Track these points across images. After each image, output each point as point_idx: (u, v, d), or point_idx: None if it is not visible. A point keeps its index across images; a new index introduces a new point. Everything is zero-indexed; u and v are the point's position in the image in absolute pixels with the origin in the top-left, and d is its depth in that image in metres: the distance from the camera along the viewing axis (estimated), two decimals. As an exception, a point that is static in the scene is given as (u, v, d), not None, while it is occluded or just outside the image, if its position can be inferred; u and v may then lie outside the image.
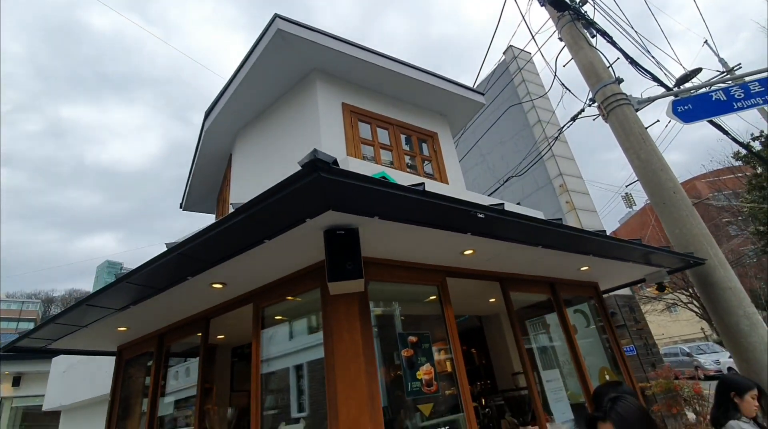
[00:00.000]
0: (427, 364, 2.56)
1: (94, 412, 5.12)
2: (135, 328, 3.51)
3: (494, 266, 3.25)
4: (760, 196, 20.57)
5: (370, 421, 2.14)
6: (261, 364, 2.74)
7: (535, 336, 3.93)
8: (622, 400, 1.62)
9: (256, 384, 2.68)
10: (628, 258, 3.51)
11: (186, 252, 2.13)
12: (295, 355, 2.81)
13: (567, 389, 3.58)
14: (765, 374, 3.69)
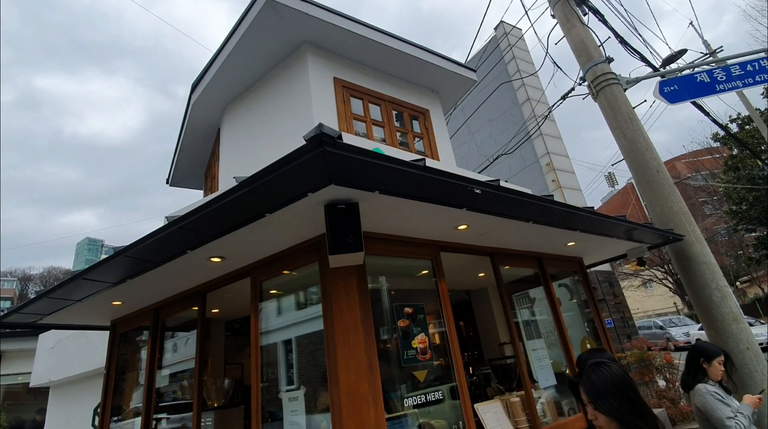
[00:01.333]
0: (422, 334, 2.66)
1: (84, 387, 5.15)
2: (130, 303, 3.52)
3: (485, 241, 3.35)
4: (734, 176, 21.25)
5: (369, 388, 2.24)
6: (260, 336, 2.80)
7: (521, 309, 4.09)
8: (600, 367, 1.63)
9: (256, 356, 2.75)
10: (613, 234, 3.66)
11: (187, 226, 2.14)
12: (294, 327, 2.88)
13: (550, 358, 3.77)
14: (731, 342, 3.94)
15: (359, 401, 2.21)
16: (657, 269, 27.66)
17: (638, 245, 4.37)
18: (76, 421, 5.10)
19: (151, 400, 3.47)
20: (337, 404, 2.23)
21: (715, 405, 3.37)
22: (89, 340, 4.97)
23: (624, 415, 1.60)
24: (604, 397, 1.64)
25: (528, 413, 3.13)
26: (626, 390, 1.63)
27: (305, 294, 3.04)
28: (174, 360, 3.74)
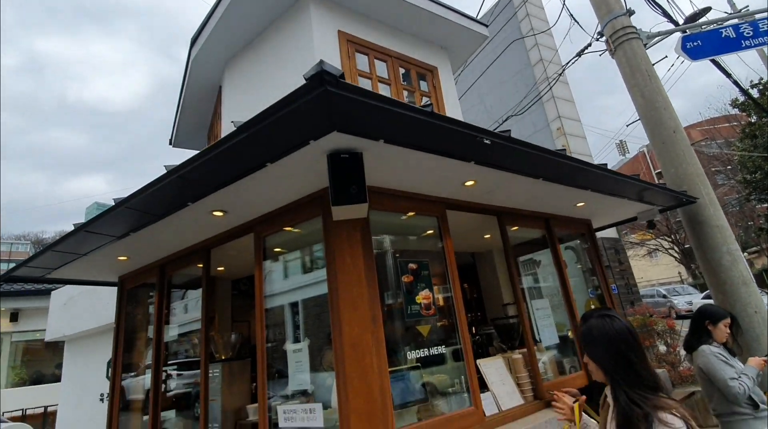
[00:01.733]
0: (426, 290, 2.64)
1: (98, 341, 5.30)
2: (135, 258, 3.53)
3: (493, 200, 3.27)
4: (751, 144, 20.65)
5: (372, 339, 2.24)
6: (264, 297, 2.80)
7: (526, 273, 4.06)
8: (604, 317, 1.61)
9: (260, 311, 2.76)
10: (624, 194, 3.56)
11: (185, 175, 2.08)
12: (300, 290, 2.88)
13: (554, 320, 3.77)
14: (738, 305, 3.91)
15: (362, 352, 2.22)
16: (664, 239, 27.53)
17: (649, 208, 4.27)
18: (91, 373, 5.30)
19: (160, 354, 3.55)
20: (340, 355, 2.24)
21: (719, 366, 3.36)
22: (100, 297, 5.08)
23: (610, 368, 1.60)
24: (595, 344, 1.65)
25: (530, 370, 3.16)
26: (621, 345, 1.60)
27: (310, 253, 3.02)
28: (185, 320, 3.79)
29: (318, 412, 2.35)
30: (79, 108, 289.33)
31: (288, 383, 2.61)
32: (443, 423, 2.41)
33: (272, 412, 2.58)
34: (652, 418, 1.51)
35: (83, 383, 5.66)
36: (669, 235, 27.10)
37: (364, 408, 2.14)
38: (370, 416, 2.13)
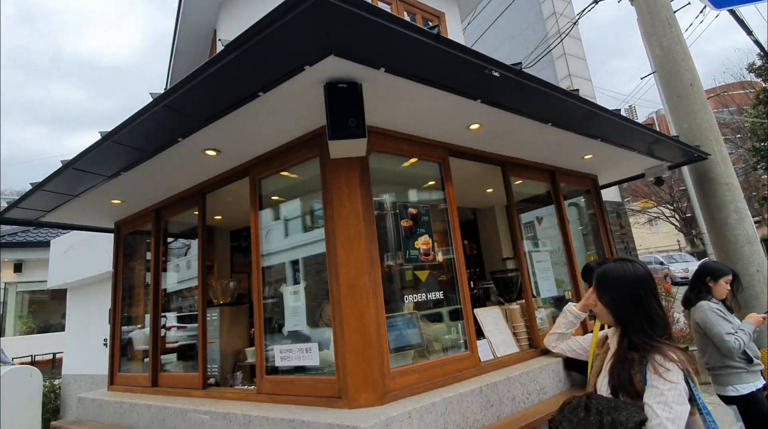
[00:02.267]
0: (425, 236, 2.58)
1: (100, 289, 5.34)
2: (130, 202, 3.46)
3: (497, 148, 3.15)
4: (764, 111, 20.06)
5: (369, 281, 2.20)
6: (260, 243, 2.75)
7: (527, 229, 3.99)
8: (624, 261, 1.62)
9: (256, 254, 2.72)
10: (634, 146, 3.42)
11: (172, 104, 1.96)
12: (297, 241, 2.82)
13: (554, 276, 3.74)
14: (740, 264, 3.87)
15: (359, 293, 2.18)
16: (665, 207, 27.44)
17: (658, 163, 4.14)
18: (94, 320, 5.38)
19: (158, 300, 3.56)
20: (336, 296, 2.21)
21: (716, 321, 3.36)
22: (99, 245, 5.07)
23: (624, 311, 1.57)
24: (610, 287, 1.61)
25: (526, 320, 3.16)
26: (639, 290, 1.55)
27: (308, 202, 2.94)
28: (186, 276, 3.77)
29: (314, 352, 2.35)
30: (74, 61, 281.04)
31: (284, 327, 2.60)
32: (438, 365, 2.42)
33: (269, 354, 2.60)
34: (646, 360, 1.49)
35: (87, 329, 5.77)
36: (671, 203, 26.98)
37: (360, 347, 2.13)
38: (366, 355, 2.12)
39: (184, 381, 3.14)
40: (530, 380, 2.59)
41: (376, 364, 2.11)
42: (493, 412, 2.31)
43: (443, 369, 2.42)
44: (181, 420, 2.68)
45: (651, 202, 27.81)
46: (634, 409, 1.42)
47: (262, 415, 2.22)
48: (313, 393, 2.27)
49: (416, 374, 2.30)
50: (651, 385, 1.43)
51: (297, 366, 2.49)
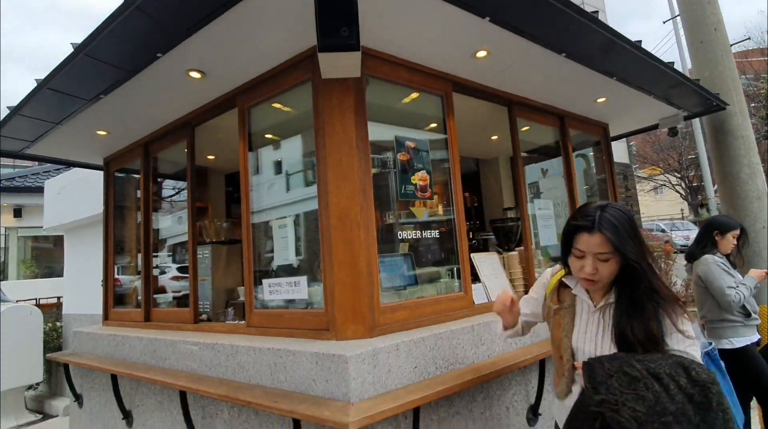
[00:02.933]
0: (423, 172, 2.45)
1: (96, 231, 5.29)
2: (116, 135, 3.31)
3: (505, 84, 2.94)
4: (786, 78, 19.21)
5: (361, 212, 2.09)
6: (250, 175, 2.62)
7: (532, 184, 3.82)
8: (610, 207, 1.37)
9: (245, 185, 2.60)
10: (653, 89, 3.20)
11: (146, 7, 1.76)
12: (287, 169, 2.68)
13: (556, 228, 3.63)
14: (748, 220, 3.75)
15: (350, 225, 2.08)
16: (673, 174, 27.02)
17: (674, 113, 3.92)
18: (92, 261, 5.38)
19: (149, 239, 3.48)
20: (326, 228, 2.11)
21: (719, 274, 3.28)
22: (92, 185, 4.97)
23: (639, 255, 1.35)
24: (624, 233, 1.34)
25: (524, 267, 3.09)
26: (638, 230, 1.39)
27: (300, 141, 2.79)
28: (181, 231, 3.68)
29: (302, 285, 2.29)
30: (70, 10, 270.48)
31: (273, 261, 2.53)
32: (431, 303, 2.36)
33: (259, 290, 2.54)
34: (661, 308, 1.34)
35: (85, 271, 5.80)
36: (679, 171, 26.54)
37: (349, 280, 2.05)
38: (355, 288, 2.05)
39: (175, 316, 3.13)
40: (524, 323, 2.54)
41: (366, 297, 2.05)
42: (483, 350, 2.27)
43: (435, 308, 2.37)
44: (172, 351, 2.67)
45: (658, 170, 27.36)
46: (690, 360, 1.23)
47: (249, 345, 2.19)
48: (301, 326, 2.23)
49: (407, 311, 2.24)
50: (676, 332, 1.31)
51: (287, 300, 2.44)
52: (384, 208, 2.47)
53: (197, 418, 2.48)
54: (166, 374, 2.50)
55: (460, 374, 2.02)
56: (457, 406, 2.12)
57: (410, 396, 1.75)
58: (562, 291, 1.53)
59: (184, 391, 2.37)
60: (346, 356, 1.75)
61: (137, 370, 2.70)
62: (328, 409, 1.66)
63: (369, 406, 1.65)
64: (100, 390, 3.35)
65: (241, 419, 2.23)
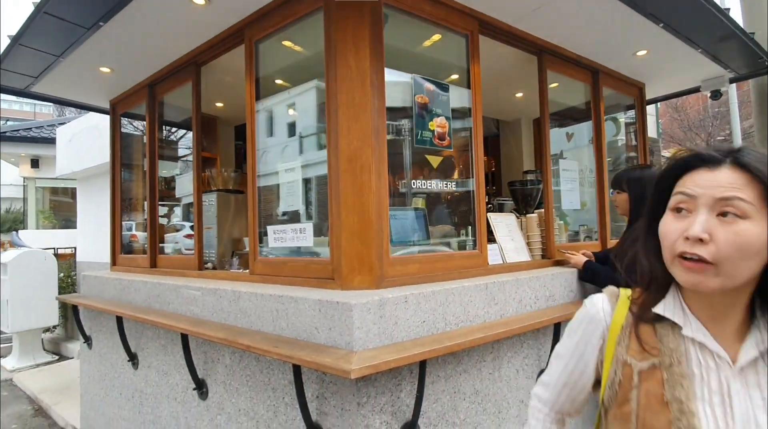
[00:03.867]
0: (442, 118, 2.25)
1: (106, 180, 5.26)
2: (120, 73, 3.17)
3: (536, 28, 2.67)
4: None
5: (373, 155, 1.93)
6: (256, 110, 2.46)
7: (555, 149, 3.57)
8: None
9: (251, 127, 2.45)
10: (701, 41, 2.89)
11: None
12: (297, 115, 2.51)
13: (581, 200, 3.42)
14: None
15: (360, 168, 1.93)
16: (700, 155, 25.92)
17: (719, 74, 3.59)
18: (104, 210, 5.38)
19: (155, 186, 3.39)
20: (335, 170, 1.96)
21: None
22: (101, 133, 4.89)
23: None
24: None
25: (542, 230, 2.92)
26: None
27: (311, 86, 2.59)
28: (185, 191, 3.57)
29: (308, 232, 2.17)
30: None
31: (279, 207, 2.42)
32: (444, 258, 2.23)
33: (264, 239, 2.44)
34: None
35: (96, 219, 5.84)
36: (706, 151, 25.43)
37: (357, 227, 1.92)
38: (364, 236, 1.92)
39: (181, 263, 3.08)
40: (540, 285, 2.41)
41: (374, 247, 1.92)
42: (497, 310, 2.15)
43: (448, 264, 2.23)
44: (175, 295, 2.62)
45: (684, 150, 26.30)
46: None
47: (251, 291, 2.10)
48: (305, 274, 2.13)
49: (418, 264, 2.11)
50: None
51: (292, 249, 2.34)
52: (398, 158, 2.30)
53: (199, 362, 2.45)
54: (169, 317, 2.45)
55: (470, 331, 1.91)
56: (465, 364, 2.03)
57: (417, 348, 1.64)
58: (644, 331, 0.76)
59: (186, 334, 2.32)
60: (350, 304, 1.65)
61: (141, 313, 2.66)
62: (330, 356, 1.57)
63: (373, 356, 1.56)
64: (107, 333, 3.37)
65: (242, 365, 2.18)
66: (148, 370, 2.92)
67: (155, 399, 2.85)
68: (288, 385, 1.92)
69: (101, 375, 3.49)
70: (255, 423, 2.11)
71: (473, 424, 2.03)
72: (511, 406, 2.21)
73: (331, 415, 1.75)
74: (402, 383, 1.78)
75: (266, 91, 2.61)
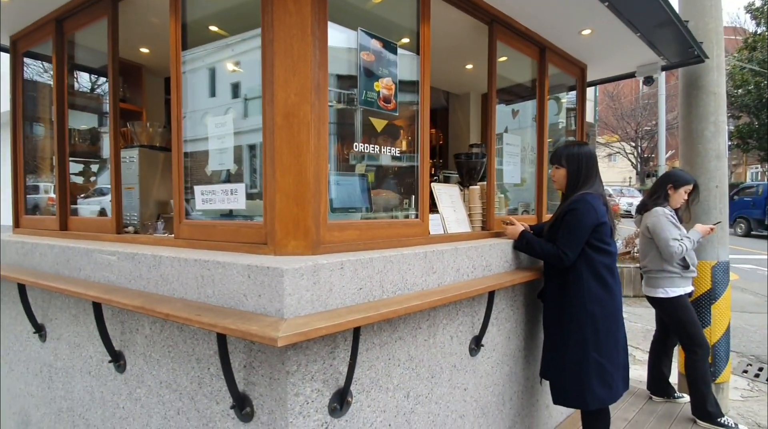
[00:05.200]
0: (389, 79, 2.14)
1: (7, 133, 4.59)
2: (21, 1, 2.69)
3: (490, -5, 2.61)
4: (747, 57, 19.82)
5: (313, 111, 1.79)
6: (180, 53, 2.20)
7: (501, 125, 3.62)
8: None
9: (176, 72, 2.19)
10: (641, 25, 2.99)
11: None
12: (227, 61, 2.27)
13: (521, 175, 3.50)
14: (703, 178, 3.81)
15: (298, 125, 1.78)
16: (628, 143, 28.15)
17: (653, 61, 3.78)
18: (5, 167, 4.72)
19: (64, 140, 2.98)
20: (270, 126, 1.80)
21: (667, 226, 3.33)
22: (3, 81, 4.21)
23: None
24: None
25: (484, 202, 2.96)
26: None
27: None
28: None
29: (240, 194, 2.01)
30: None
31: (207, 166, 2.21)
32: (383, 226, 2.17)
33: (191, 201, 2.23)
34: None
35: None
36: (634, 140, 27.64)
37: (293, 189, 1.80)
38: (300, 199, 1.80)
39: (96, 225, 2.77)
40: (478, 255, 2.44)
41: (311, 210, 1.81)
42: (434, 279, 2.15)
43: (388, 231, 2.18)
44: (87, 261, 2.35)
45: (616, 137, 28.33)
46: None
47: (173, 256, 1.92)
48: (235, 239, 1.97)
49: (357, 231, 2.04)
50: None
51: (223, 213, 2.16)
52: (341, 119, 2.17)
53: (116, 333, 2.24)
54: (78, 284, 2.20)
55: (407, 298, 1.88)
56: (401, 332, 2.02)
57: (352, 315, 1.59)
58: None
59: (99, 303, 2.10)
60: (281, 269, 1.54)
61: (47, 280, 2.37)
62: (257, 324, 1.46)
63: (304, 323, 1.48)
64: (8, 302, 3.00)
65: (163, 335, 2.02)
66: (58, 342, 2.64)
67: (66, 373, 2.59)
68: (213, 355, 1.80)
69: (4, 349, 3.12)
70: (178, 395, 1.98)
71: (406, 389, 2.05)
72: (443, 370, 2.26)
73: (260, 384, 1.67)
74: (335, 351, 1.73)
75: (197, 38, 2.35)
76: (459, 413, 2.38)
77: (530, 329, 3.00)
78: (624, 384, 2.51)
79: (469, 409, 2.46)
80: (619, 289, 2.58)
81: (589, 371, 2.37)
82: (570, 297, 2.47)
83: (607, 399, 2.40)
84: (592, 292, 2.42)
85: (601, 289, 2.43)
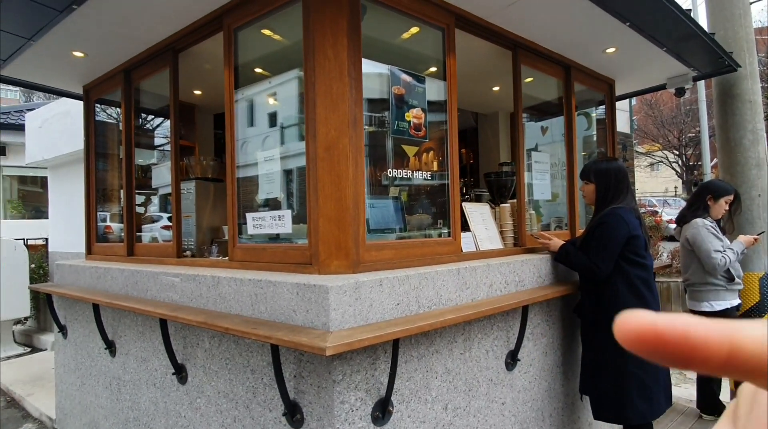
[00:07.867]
0: (418, 109, 2.33)
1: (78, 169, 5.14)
2: (95, 57, 3.11)
3: (511, 23, 2.76)
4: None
5: (350, 144, 1.99)
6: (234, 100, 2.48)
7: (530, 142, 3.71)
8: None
9: (230, 117, 2.47)
10: (665, 40, 3.04)
11: None
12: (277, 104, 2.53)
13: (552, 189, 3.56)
14: (744, 187, 3.71)
15: (338, 156, 1.99)
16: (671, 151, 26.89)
17: (683, 72, 3.77)
18: (77, 199, 5.26)
19: (131, 173, 3.36)
20: (313, 158, 2.02)
21: (707, 237, 3.28)
22: (73, 119, 4.77)
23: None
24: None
25: (515, 219, 3.04)
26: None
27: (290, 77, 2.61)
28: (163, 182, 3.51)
29: (287, 219, 2.22)
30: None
31: (258, 195, 2.45)
32: (417, 245, 2.32)
33: (243, 226, 2.48)
34: None
35: (69, 208, 5.70)
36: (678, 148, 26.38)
37: (334, 214, 1.99)
38: (341, 222, 1.99)
39: (158, 250, 3.08)
40: (510, 271, 2.53)
41: (351, 232, 1.99)
42: (468, 294, 2.26)
43: (422, 250, 2.32)
44: (153, 282, 2.63)
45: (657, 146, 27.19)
46: None
47: (230, 277, 2.15)
48: (284, 260, 2.18)
49: (393, 250, 2.20)
50: None
51: (271, 237, 2.38)
52: (376, 148, 2.37)
53: (178, 347, 2.49)
54: (147, 304, 2.47)
55: (442, 313, 2.00)
56: (437, 345, 2.13)
57: (391, 328, 1.73)
58: None
59: (165, 319, 2.35)
60: (327, 286, 1.72)
61: (119, 300, 2.67)
62: (307, 336, 1.63)
63: (348, 334, 1.63)
64: (83, 321, 3.35)
65: (221, 348, 2.23)
66: (126, 357, 2.92)
67: (134, 385, 2.86)
68: (266, 366, 1.98)
69: (77, 364, 3.46)
70: (234, 404, 2.17)
71: (444, 401, 2.14)
72: (480, 384, 2.33)
73: (308, 393, 1.82)
74: (376, 362, 1.87)
75: (246, 79, 2.63)
76: (497, 427, 2.43)
77: (568, 344, 3.01)
78: (666, 399, 2.47)
79: (508, 424, 2.50)
80: (657, 303, 2.57)
81: (629, 386, 2.36)
82: (606, 311, 2.49)
83: (648, 414, 2.38)
84: (628, 306, 2.43)
85: (637, 302, 2.44)
